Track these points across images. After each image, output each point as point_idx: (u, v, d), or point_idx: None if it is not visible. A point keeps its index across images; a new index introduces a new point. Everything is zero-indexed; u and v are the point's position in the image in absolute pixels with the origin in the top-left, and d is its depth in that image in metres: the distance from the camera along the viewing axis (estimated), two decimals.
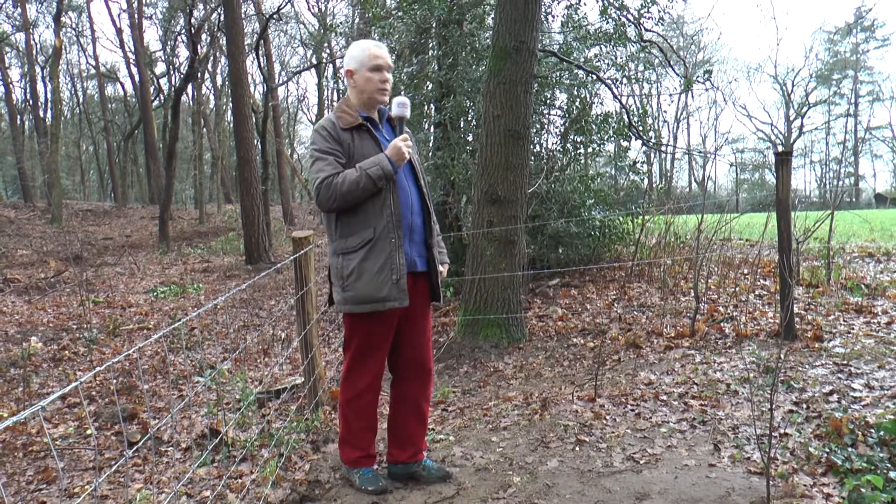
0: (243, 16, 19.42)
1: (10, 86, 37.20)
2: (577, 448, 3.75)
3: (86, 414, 5.17)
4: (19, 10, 33.14)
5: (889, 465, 3.09)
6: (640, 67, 12.72)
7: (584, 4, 10.51)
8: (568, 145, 10.56)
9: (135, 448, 3.25)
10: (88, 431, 4.87)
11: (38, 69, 37.12)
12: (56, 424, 5.06)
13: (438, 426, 4.46)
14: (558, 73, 10.26)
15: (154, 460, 4.18)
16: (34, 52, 36.36)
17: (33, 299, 11.50)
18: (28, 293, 12.23)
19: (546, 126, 10.72)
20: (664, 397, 4.49)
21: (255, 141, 18.10)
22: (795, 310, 5.80)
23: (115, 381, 6.12)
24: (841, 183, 56.77)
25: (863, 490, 2.85)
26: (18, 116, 39.59)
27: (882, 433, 3.35)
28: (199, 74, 31.56)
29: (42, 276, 14.47)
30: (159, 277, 14.50)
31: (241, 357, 6.84)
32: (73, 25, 40.06)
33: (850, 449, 3.29)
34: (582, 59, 10.41)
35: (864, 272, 8.31)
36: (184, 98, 29.57)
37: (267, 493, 3.40)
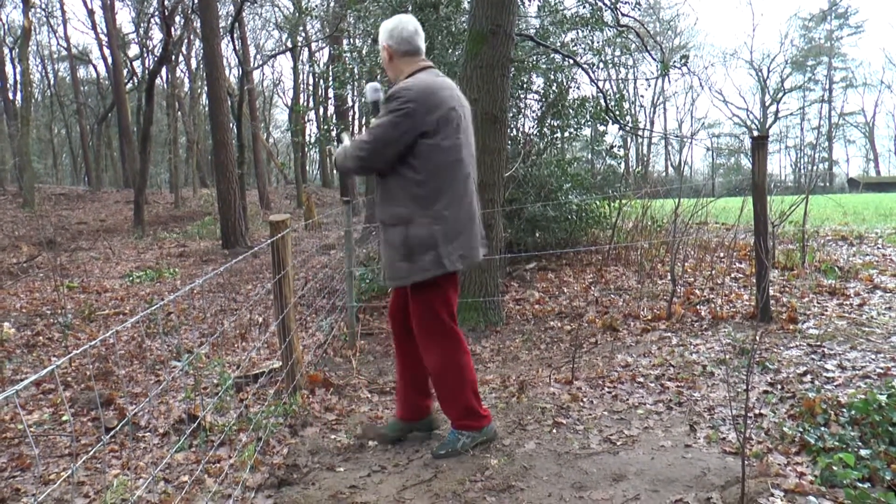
0: None
1: None
2: (555, 430, 3.78)
3: (62, 399, 5.12)
4: None
5: (860, 444, 3.14)
6: (617, 52, 12.77)
7: None
8: (545, 129, 10.57)
9: (112, 434, 3.22)
10: (64, 417, 4.82)
11: (6, 50, 36.43)
12: (31, 411, 5.01)
13: None
14: (535, 58, 10.26)
15: (131, 446, 4.15)
16: (2, 32, 35.73)
17: (5, 284, 11.35)
18: (0, 278, 12.07)
19: (523, 110, 10.73)
20: (641, 379, 4.53)
21: (231, 124, 17.93)
22: (771, 292, 5.87)
23: (90, 366, 6.06)
24: (815, 168, 57.42)
25: (835, 468, 2.89)
26: None
27: (853, 412, 3.40)
28: (174, 57, 31.18)
29: (14, 260, 14.27)
30: (135, 262, 14.36)
31: (218, 341, 6.80)
32: (43, 6, 39.35)
33: (822, 428, 3.34)
34: (559, 44, 10.41)
35: (837, 255, 8.42)
36: (158, 81, 29.18)
37: (245, 477, 3.39)
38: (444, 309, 3.47)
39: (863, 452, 3.01)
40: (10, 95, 35.49)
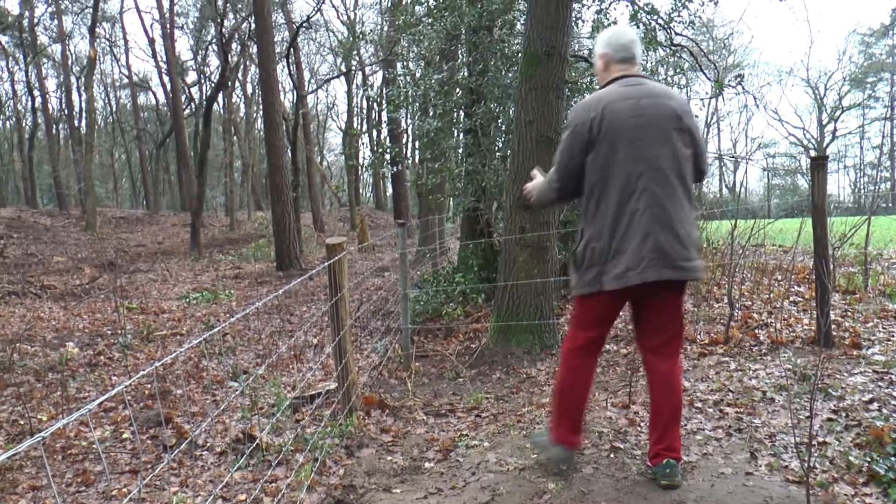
0: (273, 24, 19.61)
1: (47, 96, 37.99)
2: (612, 455, 3.73)
3: (130, 417, 5.24)
4: (56, 21, 33.85)
5: None
6: (671, 71, 12.64)
7: (615, 9, 10.47)
8: None
9: (175, 452, 3.29)
10: (125, 435, 4.94)
11: (73, 79, 37.81)
12: (93, 428, 5.14)
13: (472, 432, 4.46)
14: (589, 79, 10.23)
15: (190, 464, 4.22)
16: (69, 62, 37.04)
17: (69, 305, 11.69)
18: (64, 299, 12.44)
19: None
20: (699, 404, 4.45)
21: (286, 148, 18.26)
22: (832, 316, 5.72)
23: (151, 385, 6.20)
24: (877, 188, 55.84)
25: None
26: (54, 126, 40.35)
27: None
28: (230, 83, 31.92)
29: (77, 282, 14.70)
30: (191, 284, 14.66)
31: (274, 362, 6.89)
32: (107, 36, 40.70)
33: (893, 458, 3.23)
34: None
35: None
36: (215, 106, 29.86)
37: (302, 497, 3.42)
38: (577, 326, 3.44)
39: None
40: (76, 123, 36.75)
